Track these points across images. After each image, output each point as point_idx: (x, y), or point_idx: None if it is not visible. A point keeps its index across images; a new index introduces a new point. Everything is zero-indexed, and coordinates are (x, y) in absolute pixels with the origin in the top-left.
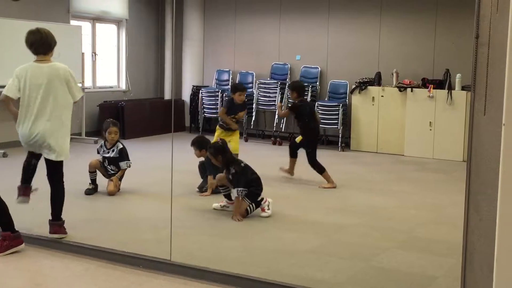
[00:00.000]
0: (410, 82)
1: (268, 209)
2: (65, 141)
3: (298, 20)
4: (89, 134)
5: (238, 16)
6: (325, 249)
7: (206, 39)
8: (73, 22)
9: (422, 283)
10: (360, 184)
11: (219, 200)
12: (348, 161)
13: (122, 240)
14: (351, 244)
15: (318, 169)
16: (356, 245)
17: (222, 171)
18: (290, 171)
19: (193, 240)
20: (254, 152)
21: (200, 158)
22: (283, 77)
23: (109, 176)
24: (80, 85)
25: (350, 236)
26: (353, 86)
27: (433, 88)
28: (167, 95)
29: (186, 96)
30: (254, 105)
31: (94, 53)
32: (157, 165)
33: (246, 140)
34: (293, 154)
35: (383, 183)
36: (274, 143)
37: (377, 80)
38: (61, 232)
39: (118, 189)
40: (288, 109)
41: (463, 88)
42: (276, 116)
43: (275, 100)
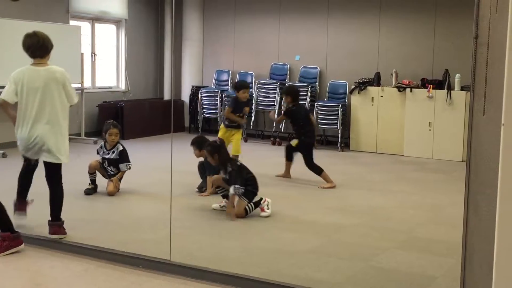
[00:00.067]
0: (410, 82)
1: (268, 209)
2: (64, 144)
3: (298, 20)
4: (89, 135)
5: (238, 16)
6: (325, 249)
7: (206, 39)
8: (73, 22)
9: (422, 283)
10: (360, 184)
11: (219, 201)
12: (348, 161)
13: (122, 240)
14: (351, 244)
15: (316, 171)
16: (356, 245)
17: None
18: (286, 175)
19: (193, 240)
20: (254, 153)
21: (200, 158)
22: (283, 77)
23: (109, 177)
24: (79, 85)
25: (350, 236)
26: (353, 86)
27: (433, 88)
28: (167, 96)
29: (186, 97)
30: (254, 106)
31: (94, 53)
32: (157, 166)
33: (246, 141)
34: (289, 157)
35: (383, 183)
36: (274, 144)
37: (377, 80)
38: (61, 233)
39: (118, 190)
40: (282, 115)
41: (463, 88)
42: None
43: (275, 100)
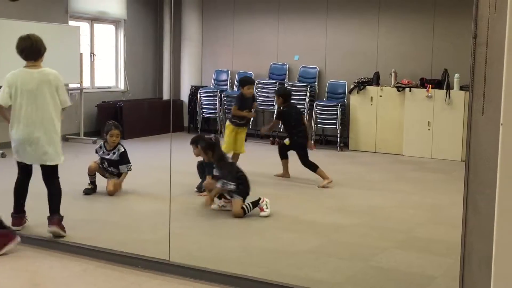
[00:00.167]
0: (409, 82)
1: (267, 208)
2: (59, 145)
3: (297, 20)
4: (88, 134)
5: (237, 17)
6: (324, 249)
7: (205, 39)
8: (71, 23)
9: (421, 283)
10: (359, 184)
11: (218, 201)
12: (347, 161)
13: (121, 241)
14: (350, 244)
15: (312, 168)
16: (355, 245)
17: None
18: (285, 174)
19: (192, 240)
20: (253, 152)
21: (199, 158)
22: (282, 77)
23: (110, 176)
24: (79, 85)
25: (349, 236)
26: (352, 86)
27: (432, 88)
28: (166, 95)
29: (185, 96)
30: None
31: (93, 54)
32: (156, 165)
33: (245, 140)
34: (283, 156)
35: (382, 183)
36: (273, 143)
37: (376, 80)
38: (60, 228)
39: (120, 188)
40: (274, 119)
41: (461, 88)
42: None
43: (274, 100)
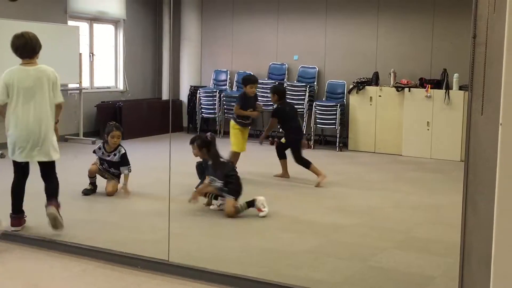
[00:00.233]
0: (408, 82)
1: (265, 207)
2: (55, 141)
3: (296, 20)
4: (87, 135)
5: (236, 17)
6: (323, 249)
7: (204, 40)
8: (71, 23)
9: (420, 283)
10: (358, 184)
11: (215, 201)
12: (346, 161)
13: (121, 241)
14: (349, 244)
15: (305, 165)
16: (354, 245)
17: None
18: (284, 174)
19: (191, 241)
20: (253, 152)
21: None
22: (281, 77)
23: (112, 177)
24: (78, 85)
25: (348, 236)
26: (351, 86)
27: (431, 88)
28: (165, 96)
29: (184, 97)
30: None
31: (92, 54)
32: (155, 166)
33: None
34: (281, 156)
35: (381, 183)
36: (272, 143)
37: (375, 80)
38: (58, 210)
39: (127, 191)
40: (271, 118)
41: (461, 88)
42: None
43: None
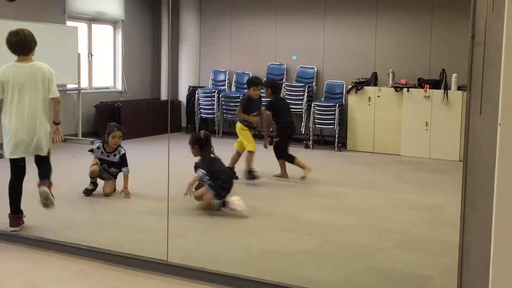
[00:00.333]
0: (406, 82)
1: (239, 203)
2: (50, 136)
3: (294, 21)
4: (85, 135)
5: (234, 17)
6: (322, 249)
7: (202, 40)
8: (69, 23)
9: (419, 283)
10: (357, 184)
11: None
12: (345, 161)
13: (119, 241)
14: (348, 244)
15: (289, 159)
16: (353, 245)
17: None
18: (283, 174)
19: (190, 241)
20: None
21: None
22: (280, 78)
23: (109, 178)
24: (76, 86)
25: (347, 236)
26: (350, 86)
27: (429, 88)
28: (164, 96)
29: (183, 97)
30: None
31: (90, 54)
32: (154, 166)
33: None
34: (280, 156)
35: (380, 183)
36: (271, 144)
37: (373, 80)
38: (50, 190)
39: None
40: (267, 109)
41: (459, 88)
42: None
43: None
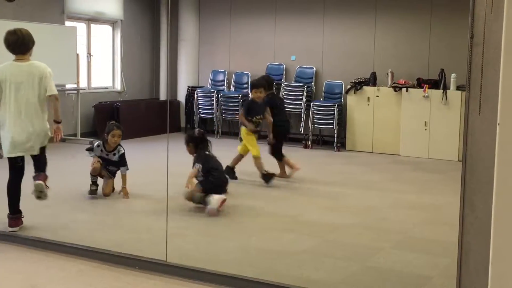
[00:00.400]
0: (405, 82)
1: (214, 200)
2: (47, 135)
3: (294, 21)
4: (84, 135)
5: (234, 17)
6: (321, 249)
7: (201, 40)
8: (68, 23)
9: (418, 283)
10: (356, 184)
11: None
12: (344, 161)
13: (118, 241)
14: (347, 244)
15: (279, 157)
16: (352, 245)
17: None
18: (282, 174)
19: (189, 241)
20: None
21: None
22: (279, 78)
23: (108, 176)
24: (75, 86)
25: (346, 236)
26: (348, 86)
27: (428, 88)
28: (163, 96)
29: (182, 97)
30: None
31: (89, 54)
32: (153, 166)
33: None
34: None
35: (379, 183)
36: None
37: (372, 80)
38: (45, 182)
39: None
40: (270, 118)
41: (458, 88)
42: None
43: None
